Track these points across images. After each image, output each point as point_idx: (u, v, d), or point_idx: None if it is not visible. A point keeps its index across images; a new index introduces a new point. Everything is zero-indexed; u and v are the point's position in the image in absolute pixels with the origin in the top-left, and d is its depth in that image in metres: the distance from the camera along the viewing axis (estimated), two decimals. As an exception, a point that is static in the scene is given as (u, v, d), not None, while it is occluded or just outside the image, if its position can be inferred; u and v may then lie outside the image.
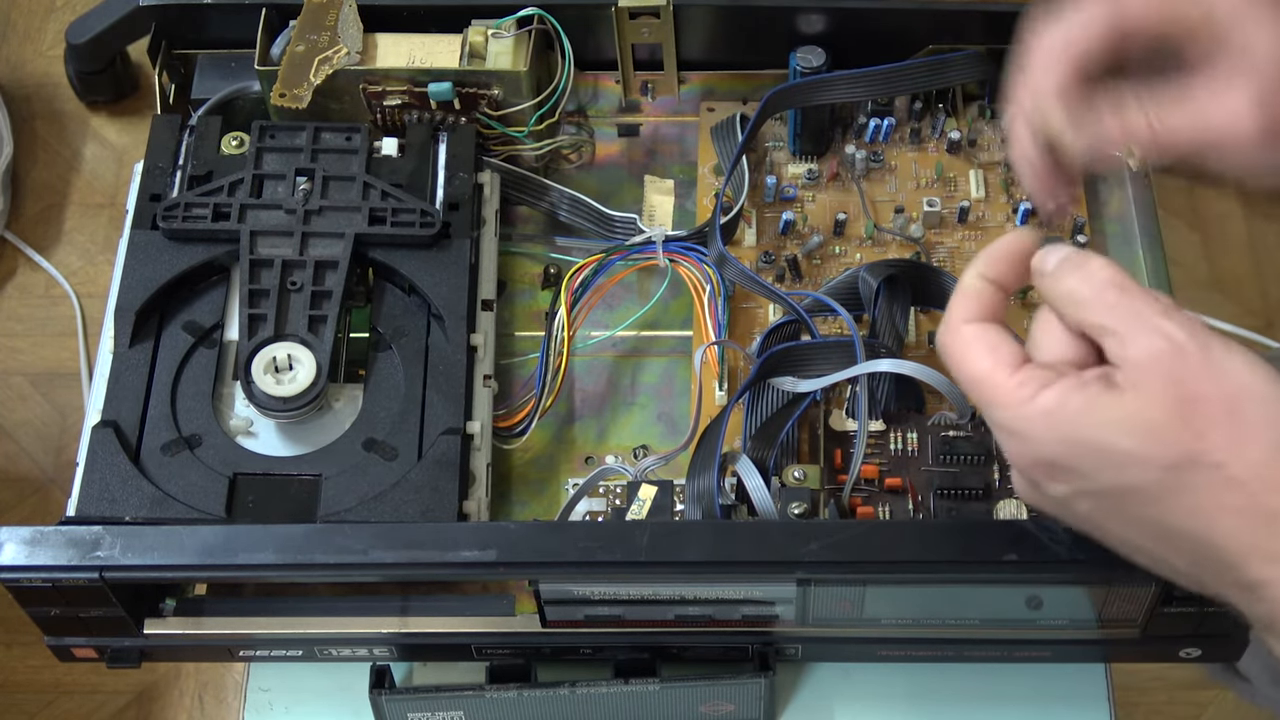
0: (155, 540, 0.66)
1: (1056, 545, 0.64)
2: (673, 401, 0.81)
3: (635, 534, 0.66)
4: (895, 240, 0.83)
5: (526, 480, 0.79)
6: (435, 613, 0.72)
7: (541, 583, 0.67)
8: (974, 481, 0.73)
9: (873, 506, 0.73)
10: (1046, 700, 0.75)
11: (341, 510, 0.71)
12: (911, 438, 0.75)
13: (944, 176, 0.85)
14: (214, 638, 0.72)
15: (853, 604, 0.68)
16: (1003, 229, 0.83)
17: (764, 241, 0.83)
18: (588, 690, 0.71)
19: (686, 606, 0.69)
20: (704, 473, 0.71)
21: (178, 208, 0.77)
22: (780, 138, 0.87)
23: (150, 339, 0.75)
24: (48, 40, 1.70)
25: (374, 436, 0.73)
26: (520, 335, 0.83)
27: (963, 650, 0.72)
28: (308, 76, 0.80)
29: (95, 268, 1.57)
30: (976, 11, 0.84)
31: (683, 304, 0.83)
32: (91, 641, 0.72)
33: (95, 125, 1.64)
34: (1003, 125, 0.84)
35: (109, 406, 0.74)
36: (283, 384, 0.74)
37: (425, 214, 0.77)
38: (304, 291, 0.76)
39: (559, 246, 0.85)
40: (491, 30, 0.82)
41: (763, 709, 0.73)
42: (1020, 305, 0.81)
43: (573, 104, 0.88)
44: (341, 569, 0.66)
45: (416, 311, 0.77)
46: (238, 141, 0.80)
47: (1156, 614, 0.68)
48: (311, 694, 0.76)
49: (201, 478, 0.72)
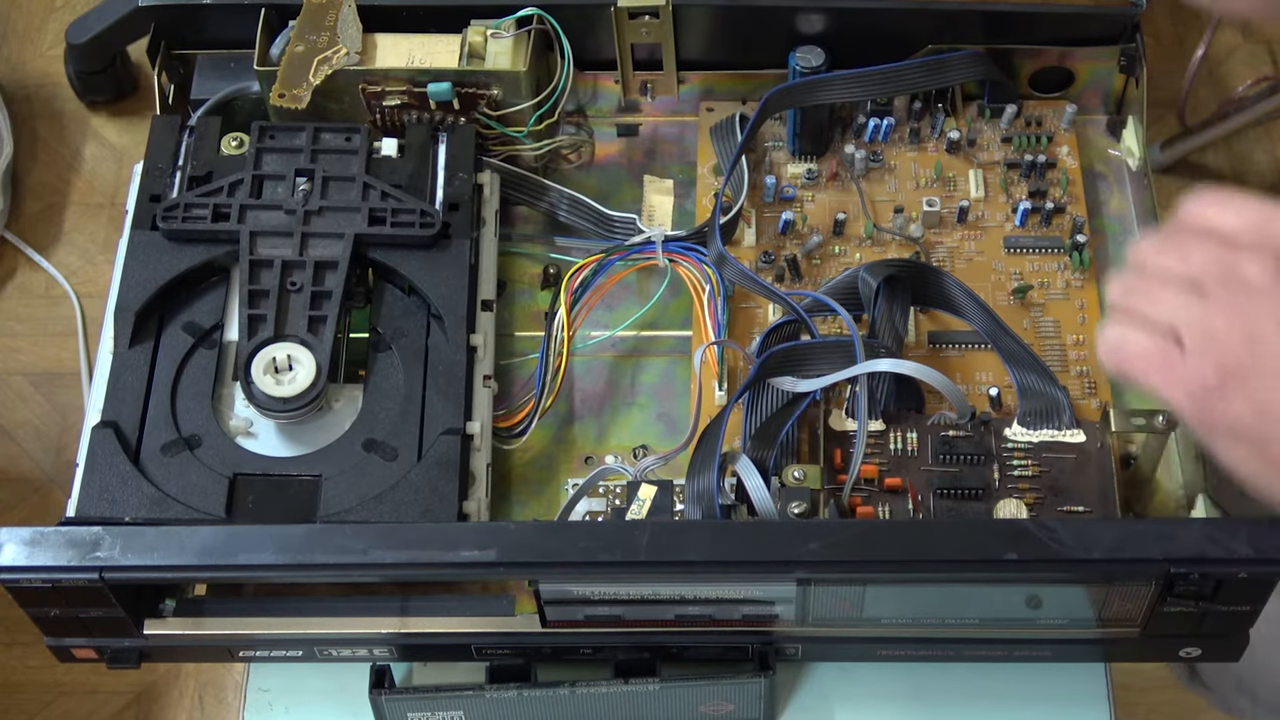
0: (155, 541, 0.66)
1: (1056, 545, 0.64)
2: (672, 401, 0.81)
3: (635, 534, 0.66)
4: (895, 240, 0.83)
5: (526, 480, 0.79)
6: (435, 613, 0.72)
7: (541, 583, 0.67)
8: (974, 481, 0.73)
9: (873, 506, 0.73)
10: (1046, 700, 0.75)
11: (341, 511, 0.71)
12: (911, 438, 0.75)
13: (943, 176, 0.85)
14: (214, 638, 0.72)
15: (852, 604, 0.68)
16: (1002, 229, 0.83)
17: (763, 241, 0.83)
18: (588, 690, 0.71)
19: (686, 606, 0.69)
20: (704, 473, 0.71)
21: (177, 208, 0.77)
22: (780, 137, 0.87)
23: (150, 339, 0.76)
24: (48, 40, 1.70)
25: (374, 437, 0.73)
26: (520, 335, 0.83)
27: (963, 650, 0.72)
28: (307, 77, 0.80)
29: (95, 268, 1.57)
30: (976, 11, 0.84)
31: (682, 304, 0.83)
32: (91, 642, 0.72)
33: (95, 125, 1.64)
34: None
35: (109, 407, 0.74)
36: (282, 384, 0.74)
37: (425, 214, 0.77)
38: (304, 292, 0.76)
39: (559, 246, 0.85)
40: (491, 30, 0.82)
41: (763, 709, 0.73)
42: (1020, 305, 0.81)
43: (572, 104, 0.88)
44: (341, 569, 0.66)
45: (416, 312, 0.77)
46: (237, 142, 0.80)
47: (1156, 613, 0.68)
48: (311, 694, 0.76)
49: (201, 478, 0.72)
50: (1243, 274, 0.63)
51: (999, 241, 0.83)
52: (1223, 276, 0.64)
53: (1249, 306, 0.63)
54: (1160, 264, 0.66)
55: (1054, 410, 0.74)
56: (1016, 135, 0.86)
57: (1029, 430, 0.74)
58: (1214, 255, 0.64)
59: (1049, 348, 0.79)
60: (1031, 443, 0.74)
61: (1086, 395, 0.78)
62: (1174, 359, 0.63)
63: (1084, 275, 0.82)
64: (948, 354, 0.80)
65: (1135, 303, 0.66)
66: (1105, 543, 0.64)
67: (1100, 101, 0.87)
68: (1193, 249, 0.65)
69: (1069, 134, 0.86)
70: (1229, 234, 0.65)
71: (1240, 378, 0.62)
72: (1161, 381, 0.64)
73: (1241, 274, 0.63)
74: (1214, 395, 0.62)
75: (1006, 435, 0.74)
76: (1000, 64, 0.85)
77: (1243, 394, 0.62)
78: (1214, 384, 0.62)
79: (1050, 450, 0.74)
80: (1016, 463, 0.74)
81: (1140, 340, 0.65)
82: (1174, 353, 0.64)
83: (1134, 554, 0.64)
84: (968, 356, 0.79)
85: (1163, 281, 0.65)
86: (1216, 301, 0.63)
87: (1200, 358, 0.63)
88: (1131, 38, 0.84)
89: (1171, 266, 0.65)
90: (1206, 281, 0.64)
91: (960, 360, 0.79)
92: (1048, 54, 0.85)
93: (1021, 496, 0.73)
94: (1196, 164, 1.63)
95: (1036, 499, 0.73)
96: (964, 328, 0.80)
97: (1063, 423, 0.74)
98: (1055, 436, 0.74)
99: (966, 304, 0.78)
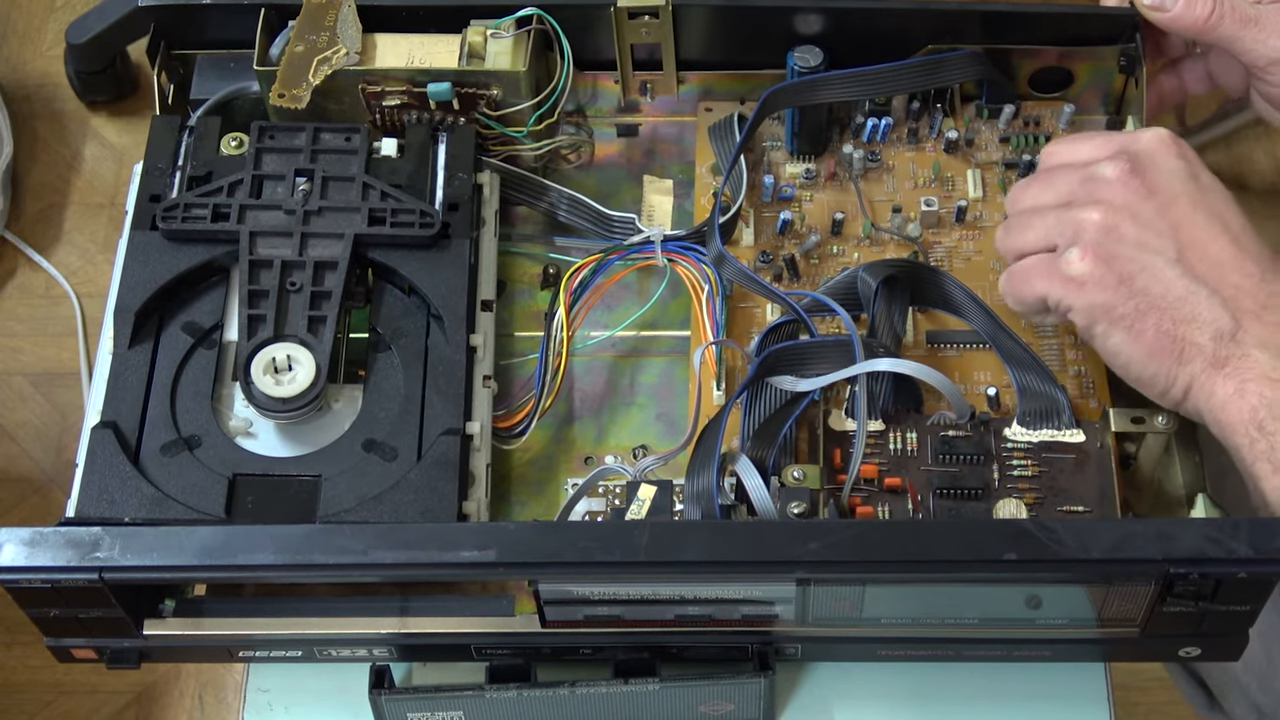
0: (155, 541, 0.66)
1: (1056, 545, 0.64)
2: (672, 401, 0.81)
3: (635, 534, 0.66)
4: (893, 240, 0.83)
5: (526, 480, 0.79)
6: (435, 613, 0.72)
7: (541, 583, 0.67)
8: (973, 481, 0.73)
9: (872, 506, 0.73)
10: (1046, 700, 0.75)
11: (341, 511, 0.71)
12: (911, 437, 0.75)
13: (941, 176, 0.85)
14: (213, 638, 0.72)
15: (852, 604, 0.68)
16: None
17: (762, 241, 0.83)
18: (587, 690, 0.71)
19: (686, 606, 0.69)
20: (703, 473, 0.71)
21: (177, 208, 0.77)
22: (778, 137, 0.87)
23: (150, 339, 0.76)
24: (48, 40, 1.70)
25: (373, 437, 0.73)
26: (520, 335, 0.83)
27: (962, 650, 0.72)
28: (307, 77, 0.80)
29: (95, 268, 1.57)
30: (974, 11, 0.84)
31: (681, 304, 0.83)
32: (91, 642, 0.72)
33: (95, 125, 1.64)
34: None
35: (109, 407, 0.74)
36: (282, 385, 0.74)
37: (425, 214, 0.77)
38: (303, 292, 0.76)
39: (558, 246, 0.85)
40: (490, 30, 0.82)
41: (762, 709, 0.73)
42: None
43: (571, 104, 0.88)
44: (341, 569, 0.66)
45: (416, 312, 0.77)
46: (237, 142, 0.80)
47: (1156, 613, 0.68)
48: (311, 694, 0.76)
49: (201, 478, 0.72)
50: (1100, 175, 0.71)
51: (998, 241, 0.83)
52: (1083, 185, 0.72)
53: (1109, 195, 0.70)
54: (1030, 200, 0.74)
55: (1053, 410, 0.74)
56: (1015, 135, 0.86)
57: (1028, 430, 0.74)
58: (1074, 174, 0.72)
59: (1048, 348, 0.79)
60: (1031, 443, 0.74)
61: (1086, 395, 0.78)
62: (1048, 261, 0.71)
63: (1083, 275, 0.82)
64: (946, 354, 0.80)
65: (1015, 239, 0.74)
66: (1105, 543, 0.64)
67: (1099, 102, 0.87)
68: (1056, 177, 0.73)
69: (1068, 134, 0.86)
70: (1087, 159, 0.73)
71: (1107, 257, 0.69)
72: (1042, 284, 0.71)
73: (1099, 175, 0.71)
74: (1088, 278, 0.69)
75: (1006, 435, 0.74)
76: (999, 64, 0.85)
77: (1110, 270, 0.69)
78: (1083, 267, 0.69)
79: (1050, 450, 0.74)
80: (1016, 463, 0.74)
81: (1022, 264, 0.73)
82: (1048, 257, 0.71)
83: (1134, 554, 0.64)
84: (967, 356, 0.79)
85: (1034, 212, 0.73)
86: (1080, 203, 0.71)
87: (1072, 248, 0.70)
88: (1131, 38, 0.84)
89: (1040, 197, 0.73)
90: (1072, 196, 0.72)
91: (959, 360, 0.79)
92: (1047, 54, 0.85)
93: (1021, 496, 0.73)
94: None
95: (1036, 499, 0.73)
96: (963, 327, 0.80)
97: (1062, 423, 0.74)
98: (1055, 436, 0.74)
99: (965, 304, 0.78)
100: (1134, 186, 0.71)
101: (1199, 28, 0.80)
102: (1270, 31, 0.79)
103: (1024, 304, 0.74)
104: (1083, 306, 0.70)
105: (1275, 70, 0.81)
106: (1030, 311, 0.74)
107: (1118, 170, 0.71)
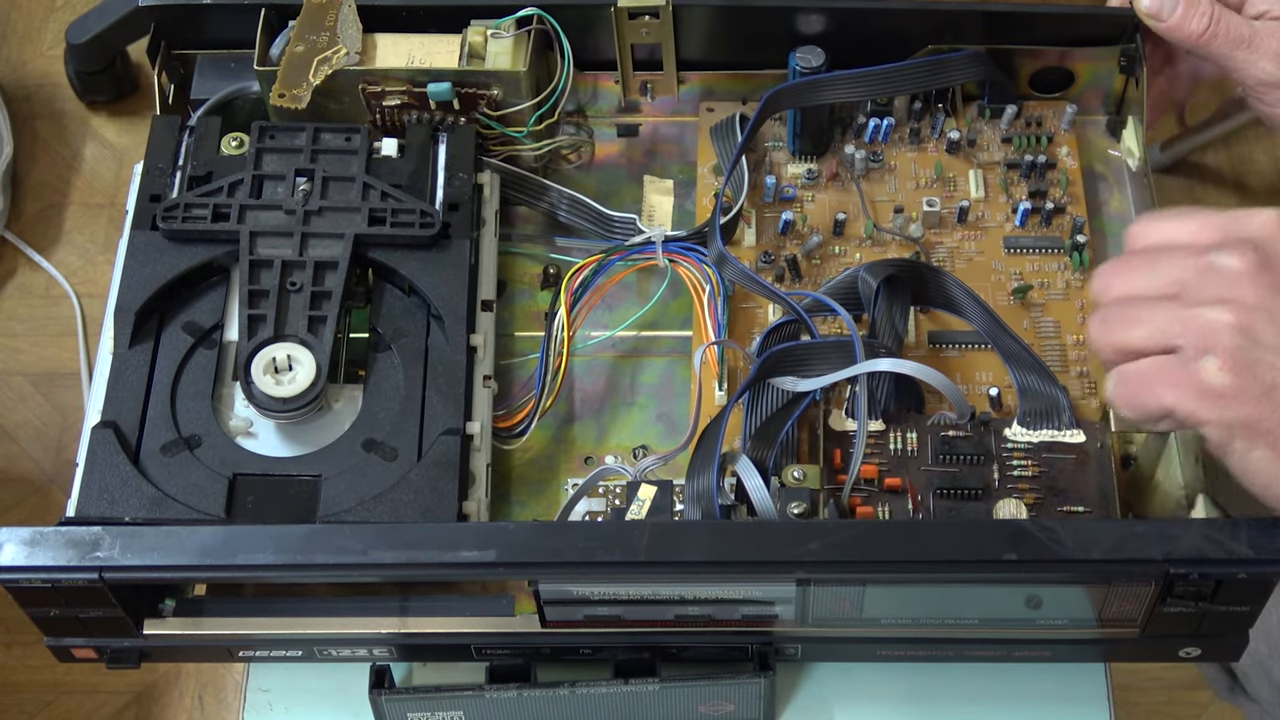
0: (155, 541, 0.66)
1: (1056, 545, 0.64)
2: (672, 401, 0.81)
3: (635, 534, 0.66)
4: (895, 240, 0.83)
5: (526, 480, 0.79)
6: (435, 613, 0.72)
7: (541, 583, 0.67)
8: (973, 481, 0.73)
9: (872, 506, 0.73)
10: (1046, 700, 0.75)
11: (341, 511, 0.71)
12: (911, 438, 0.75)
13: (943, 176, 0.85)
14: (213, 638, 0.72)
15: (852, 604, 0.68)
16: (1002, 229, 0.83)
17: (763, 241, 0.83)
18: (587, 690, 0.71)
19: (686, 606, 0.69)
20: (703, 473, 0.71)
21: (177, 208, 0.77)
22: (780, 138, 0.87)
23: (150, 339, 0.76)
24: (48, 40, 1.70)
25: (374, 437, 0.73)
26: (520, 335, 0.83)
27: (962, 650, 0.72)
28: (307, 77, 0.80)
29: (95, 268, 1.57)
30: (976, 11, 0.84)
31: (682, 304, 0.83)
32: (91, 642, 0.72)
33: (95, 125, 1.64)
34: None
35: (109, 407, 0.74)
36: (282, 385, 0.74)
37: (425, 214, 0.77)
38: (303, 292, 0.76)
39: (559, 247, 0.85)
40: (491, 30, 0.82)
41: (762, 709, 0.73)
42: (1020, 305, 0.81)
43: (572, 104, 0.88)
44: (341, 569, 0.66)
45: (416, 312, 0.77)
46: (237, 142, 0.80)
47: (1156, 613, 0.68)
48: (311, 694, 0.76)
49: (201, 478, 0.72)
50: (1222, 266, 0.62)
51: (999, 241, 0.83)
52: (1201, 276, 0.62)
53: (1239, 293, 0.61)
54: (1128, 288, 0.64)
55: (1054, 410, 0.74)
56: (1016, 135, 0.86)
57: (1029, 430, 0.74)
58: (1185, 262, 0.63)
59: (1049, 348, 0.79)
60: (1031, 443, 0.74)
61: (1086, 395, 0.78)
62: (1175, 367, 0.62)
63: (1084, 275, 0.82)
64: (948, 354, 0.80)
65: (1119, 334, 0.64)
66: (1105, 543, 0.64)
67: (1100, 102, 0.87)
68: (1160, 263, 0.64)
69: (1069, 134, 0.86)
70: (1191, 242, 0.63)
71: (1249, 365, 0.60)
72: (1170, 395, 0.62)
73: (1220, 267, 0.62)
74: (1227, 390, 0.60)
75: (1006, 435, 0.74)
76: (1000, 64, 0.85)
77: (1254, 379, 0.60)
78: (1222, 378, 0.60)
79: (1050, 450, 0.74)
80: (1016, 463, 0.74)
81: (1138, 367, 0.63)
82: (1173, 362, 0.62)
83: (1134, 554, 0.64)
84: (968, 356, 0.79)
85: (1138, 303, 0.63)
86: (1203, 298, 0.62)
87: (1203, 355, 0.61)
88: (1131, 38, 0.84)
89: (1142, 285, 0.64)
90: (1184, 286, 0.62)
91: (960, 360, 0.79)
92: (1048, 54, 0.85)
93: (1021, 497, 0.73)
94: (1196, 164, 1.63)
95: (1036, 499, 0.73)
96: (964, 328, 0.80)
97: (1063, 423, 0.74)
98: (1055, 437, 0.74)
99: (967, 304, 0.78)
100: (1265, 282, 0.61)
101: (1193, 41, 0.79)
102: (1261, 54, 0.78)
103: (1143, 413, 0.64)
104: (1221, 421, 0.61)
105: (1264, 91, 0.80)
106: (1146, 421, 0.64)
107: (1245, 263, 0.62)
